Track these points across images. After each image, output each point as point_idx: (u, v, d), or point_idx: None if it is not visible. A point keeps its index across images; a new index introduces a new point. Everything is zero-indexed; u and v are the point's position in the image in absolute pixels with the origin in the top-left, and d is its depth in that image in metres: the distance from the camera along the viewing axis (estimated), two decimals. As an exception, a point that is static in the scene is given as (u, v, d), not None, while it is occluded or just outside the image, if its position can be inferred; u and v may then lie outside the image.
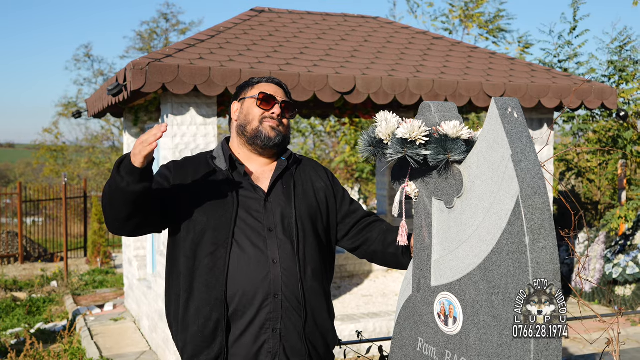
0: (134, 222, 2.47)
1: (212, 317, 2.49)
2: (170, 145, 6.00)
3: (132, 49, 24.13)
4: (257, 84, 2.72)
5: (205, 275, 2.50)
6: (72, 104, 23.78)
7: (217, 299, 2.48)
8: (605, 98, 7.57)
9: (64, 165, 24.64)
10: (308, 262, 2.60)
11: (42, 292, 10.23)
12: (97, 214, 12.92)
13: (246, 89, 2.73)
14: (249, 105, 2.67)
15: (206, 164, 2.65)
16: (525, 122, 2.09)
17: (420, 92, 6.57)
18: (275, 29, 7.62)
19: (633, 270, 8.27)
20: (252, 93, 2.69)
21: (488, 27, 14.10)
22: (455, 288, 2.26)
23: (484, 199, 2.13)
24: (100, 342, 7.14)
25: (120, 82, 5.89)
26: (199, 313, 2.51)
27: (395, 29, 8.55)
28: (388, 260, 2.76)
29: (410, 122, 2.27)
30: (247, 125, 2.65)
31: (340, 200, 2.80)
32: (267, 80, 2.74)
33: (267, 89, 2.69)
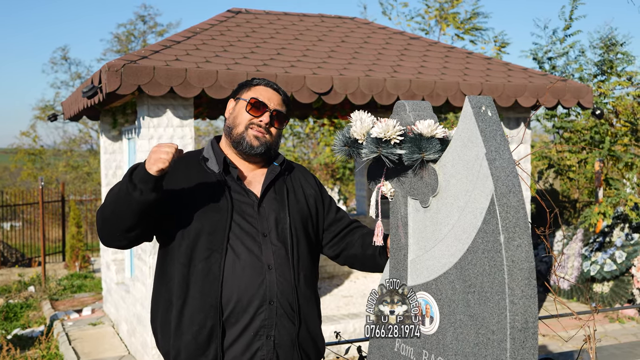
0: (135, 233, 2.42)
1: (206, 324, 2.45)
2: (146, 147, 5.95)
3: (109, 52, 23.97)
4: (255, 86, 2.66)
5: (200, 282, 2.46)
6: (49, 107, 23.56)
7: (212, 305, 2.44)
8: (581, 97, 7.63)
9: (41, 169, 24.39)
10: (301, 268, 2.59)
11: (20, 297, 10.11)
12: (75, 217, 12.80)
13: (244, 89, 2.67)
14: (240, 108, 2.62)
15: (198, 166, 2.60)
16: (499, 120, 2.09)
17: (398, 92, 6.58)
18: (252, 30, 7.60)
19: (610, 267, 8.34)
20: (246, 95, 2.64)
21: (464, 27, 14.15)
22: (431, 287, 2.25)
23: (459, 198, 2.12)
24: (78, 347, 7.06)
25: (96, 84, 5.83)
26: (192, 320, 2.46)
27: (372, 29, 8.56)
28: (366, 263, 2.74)
29: (385, 122, 2.26)
30: (233, 129, 2.61)
31: (327, 207, 2.80)
32: (266, 84, 2.67)
33: (263, 93, 2.63)
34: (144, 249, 6.16)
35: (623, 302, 8.19)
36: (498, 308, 1.95)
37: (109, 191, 2.41)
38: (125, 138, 7.89)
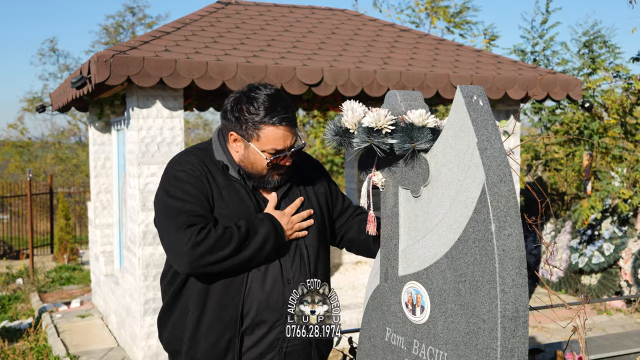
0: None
1: (225, 336, 2.46)
2: (136, 138, 5.92)
3: (97, 43, 23.78)
4: (264, 124, 2.42)
5: (220, 294, 2.46)
6: (37, 99, 23.38)
7: (232, 317, 2.45)
8: (570, 89, 7.65)
9: (29, 161, 24.24)
10: (318, 278, 2.61)
11: (7, 289, 10.06)
12: (64, 210, 12.73)
13: (250, 127, 2.44)
14: (254, 154, 2.47)
15: (222, 174, 2.52)
16: (490, 110, 2.09)
17: (388, 84, 6.58)
18: (242, 21, 7.57)
19: (599, 259, 8.38)
20: (258, 140, 2.44)
21: (454, 20, 14.15)
22: (422, 277, 2.25)
23: (450, 188, 2.12)
24: (67, 339, 7.04)
25: (85, 74, 5.80)
26: (210, 330, 2.47)
27: (363, 21, 8.55)
28: (361, 248, 2.77)
29: (376, 111, 2.25)
30: (250, 168, 2.51)
31: (335, 200, 2.80)
32: (276, 123, 2.42)
33: (277, 137, 2.43)
34: (133, 240, 6.14)
35: (611, 294, 8.24)
36: (489, 297, 1.95)
37: (237, 247, 2.39)
38: (114, 129, 7.85)
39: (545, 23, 11.40)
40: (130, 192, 6.23)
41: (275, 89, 2.49)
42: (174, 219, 2.39)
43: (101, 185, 8.42)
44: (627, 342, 4.50)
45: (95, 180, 8.42)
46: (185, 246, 2.33)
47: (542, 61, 11.56)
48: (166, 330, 2.62)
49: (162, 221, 2.45)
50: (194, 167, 2.48)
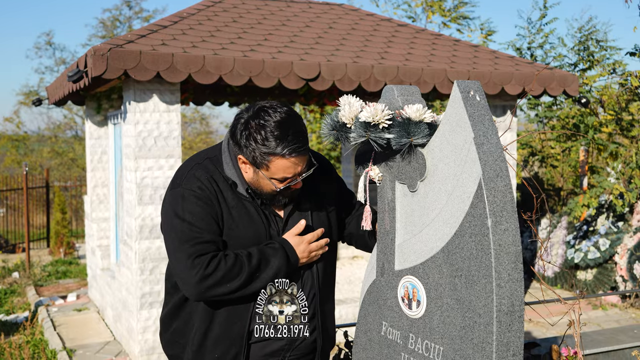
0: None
1: (231, 351, 2.46)
2: (132, 132, 5.91)
3: (94, 37, 23.73)
4: (273, 155, 2.30)
5: (228, 310, 2.44)
6: (33, 92, 23.34)
7: (239, 333, 2.45)
8: (567, 85, 7.66)
9: (25, 155, 24.18)
10: (325, 286, 2.62)
11: (4, 283, 10.05)
12: (60, 204, 12.72)
13: (257, 155, 2.32)
14: (264, 180, 2.39)
15: (230, 190, 2.44)
16: (487, 105, 2.09)
17: (385, 79, 6.58)
18: (239, 15, 7.56)
19: (594, 255, 8.41)
20: (267, 170, 2.34)
21: (450, 15, 14.14)
22: (418, 271, 2.26)
23: (446, 182, 2.13)
24: (63, 333, 7.04)
25: (81, 68, 5.78)
26: (216, 346, 2.47)
27: (360, 15, 8.54)
28: (359, 241, 2.78)
29: (374, 106, 2.26)
30: (259, 190, 2.44)
31: (340, 197, 2.77)
32: (289, 154, 2.30)
33: (287, 165, 2.33)
34: (129, 234, 6.14)
35: (606, 289, 8.27)
36: (485, 291, 1.96)
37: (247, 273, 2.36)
38: (110, 123, 7.84)
39: (543, 18, 11.40)
40: (127, 186, 6.23)
41: (286, 112, 2.34)
42: (183, 245, 2.35)
43: (98, 179, 8.41)
44: (622, 337, 4.51)
45: (91, 174, 8.41)
46: (194, 278, 2.31)
47: (541, 56, 11.56)
48: (167, 333, 2.61)
49: (170, 244, 2.41)
50: (203, 185, 2.40)
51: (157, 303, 5.99)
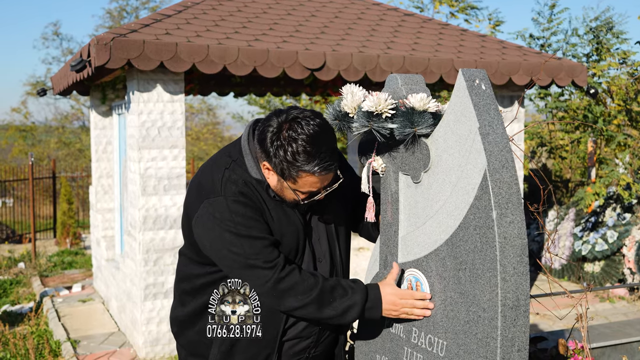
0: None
1: (262, 353, 2.43)
2: (136, 122, 5.88)
3: (101, 27, 23.74)
4: (304, 172, 2.21)
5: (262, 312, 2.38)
6: (40, 83, 23.35)
7: (272, 335, 2.41)
8: (575, 75, 7.57)
9: (33, 146, 24.24)
10: (345, 278, 2.61)
11: (9, 273, 10.06)
12: (67, 194, 12.72)
13: (285, 167, 2.22)
14: (288, 190, 2.30)
15: (267, 194, 2.35)
16: (493, 94, 2.04)
17: (391, 69, 6.51)
18: (244, 4, 7.49)
19: (602, 247, 8.34)
20: (294, 183, 2.25)
21: (458, 5, 14.02)
22: (422, 264, 2.21)
23: (451, 173, 2.08)
24: (68, 324, 7.04)
25: (84, 57, 5.74)
26: (248, 349, 2.43)
27: (367, 5, 8.46)
28: (363, 231, 2.73)
29: (377, 95, 2.21)
30: (282, 196, 2.35)
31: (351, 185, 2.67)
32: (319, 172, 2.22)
33: (315, 181, 2.25)
34: (133, 225, 6.11)
35: (614, 282, 8.21)
36: (489, 285, 1.91)
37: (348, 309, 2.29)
38: (115, 113, 7.81)
39: (553, 8, 11.28)
40: (131, 176, 6.19)
41: (319, 124, 2.22)
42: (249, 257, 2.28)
43: (102, 169, 8.39)
44: (630, 330, 4.46)
45: (96, 165, 8.39)
46: (271, 279, 2.27)
47: (554, 44, 11.44)
48: (189, 332, 2.52)
49: (235, 258, 2.30)
50: (243, 192, 2.31)
51: (161, 294, 5.96)
